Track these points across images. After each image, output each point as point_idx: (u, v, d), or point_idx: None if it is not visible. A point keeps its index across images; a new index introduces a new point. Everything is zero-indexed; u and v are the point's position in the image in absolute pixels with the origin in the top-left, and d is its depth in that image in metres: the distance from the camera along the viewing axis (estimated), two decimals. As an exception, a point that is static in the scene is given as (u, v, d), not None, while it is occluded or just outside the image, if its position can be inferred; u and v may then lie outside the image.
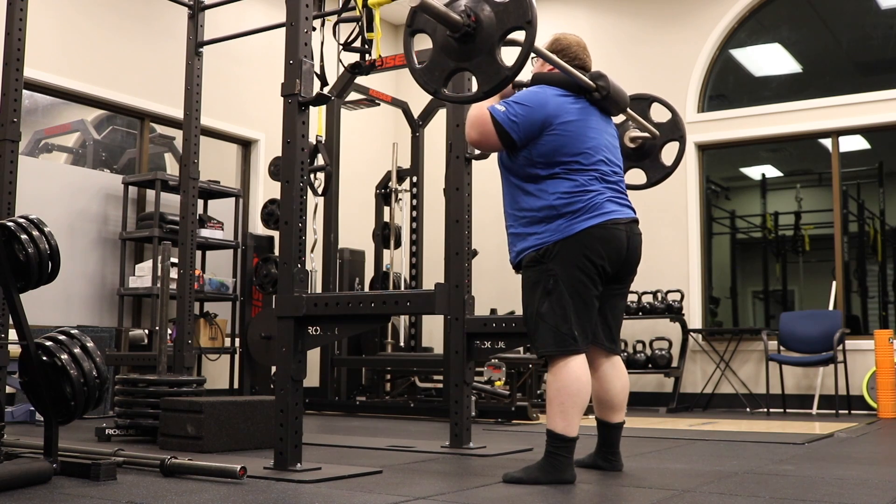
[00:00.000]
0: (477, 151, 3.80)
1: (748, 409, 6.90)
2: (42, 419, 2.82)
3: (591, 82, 2.96)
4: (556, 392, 2.78)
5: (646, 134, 3.44)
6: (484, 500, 2.50)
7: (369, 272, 7.50)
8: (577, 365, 2.79)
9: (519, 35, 2.51)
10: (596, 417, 3.13)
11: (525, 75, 2.85)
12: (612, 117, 3.13)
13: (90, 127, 6.69)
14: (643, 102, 3.52)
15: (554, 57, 2.92)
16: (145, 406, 4.03)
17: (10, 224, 2.77)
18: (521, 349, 5.88)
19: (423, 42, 2.81)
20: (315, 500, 2.44)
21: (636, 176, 3.66)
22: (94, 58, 6.32)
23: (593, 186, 2.89)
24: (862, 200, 9.00)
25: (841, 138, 7.32)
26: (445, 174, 5.23)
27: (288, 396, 2.91)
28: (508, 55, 2.43)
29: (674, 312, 7.07)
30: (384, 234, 7.21)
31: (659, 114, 3.68)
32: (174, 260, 5.18)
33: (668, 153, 3.60)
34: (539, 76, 3.04)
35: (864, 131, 7.42)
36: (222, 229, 6.67)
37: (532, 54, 2.72)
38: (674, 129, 3.52)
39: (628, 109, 3.22)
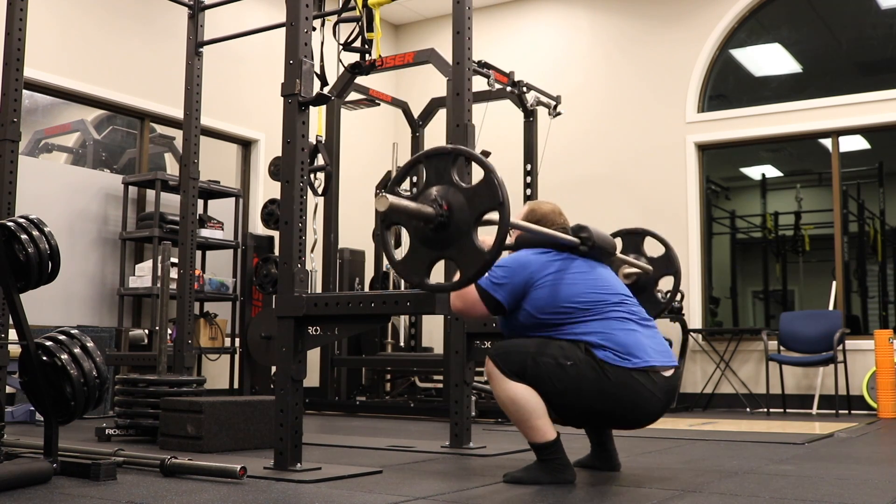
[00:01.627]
0: None
1: (748, 409, 6.90)
2: (42, 419, 2.82)
3: (574, 238, 2.91)
4: (513, 409, 2.73)
5: (638, 270, 3.44)
6: (484, 500, 2.50)
7: (369, 272, 7.50)
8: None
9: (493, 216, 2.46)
10: None
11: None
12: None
13: (90, 127, 6.69)
14: (637, 237, 3.50)
15: (532, 226, 2.88)
16: (145, 406, 4.03)
17: (10, 224, 2.77)
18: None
19: (422, 42, 2.80)
20: (315, 500, 2.44)
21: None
22: (94, 58, 6.32)
23: (624, 323, 2.78)
24: (862, 200, 9.00)
25: (841, 138, 7.32)
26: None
27: (288, 396, 2.91)
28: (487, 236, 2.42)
29: (674, 312, 7.07)
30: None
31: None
32: (174, 260, 5.18)
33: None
34: (521, 240, 2.99)
35: (864, 131, 7.42)
36: (222, 229, 6.67)
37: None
38: (668, 264, 3.49)
39: (618, 253, 3.17)
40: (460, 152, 2.61)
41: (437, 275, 2.65)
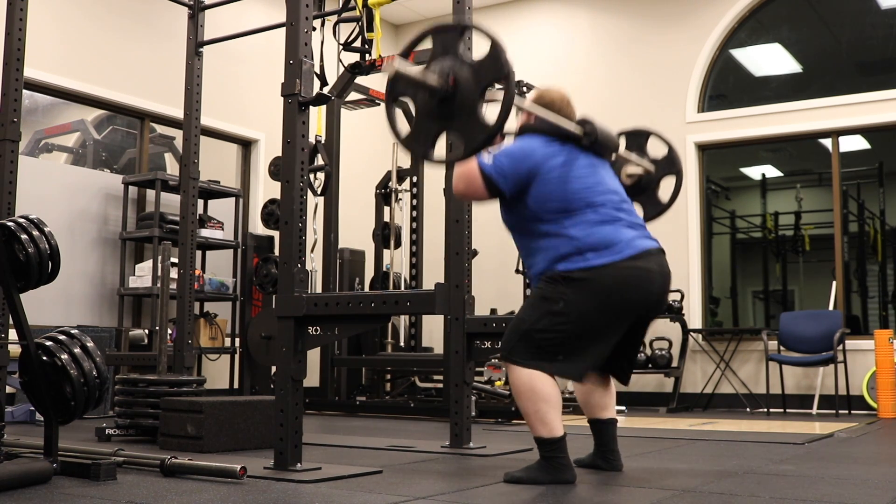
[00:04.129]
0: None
1: (748, 409, 6.90)
2: (42, 419, 2.82)
3: (578, 128, 2.94)
4: (528, 401, 2.75)
5: (640, 170, 3.43)
6: (484, 500, 2.50)
7: (369, 272, 7.50)
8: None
9: (499, 92, 2.49)
10: (587, 418, 3.14)
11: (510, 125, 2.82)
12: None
13: (90, 127, 6.69)
14: (640, 137, 3.50)
15: (538, 107, 2.92)
16: (145, 406, 4.03)
17: (10, 224, 2.77)
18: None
19: (422, 42, 2.80)
20: (315, 500, 2.44)
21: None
22: (94, 58, 6.32)
23: (611, 220, 2.84)
24: (862, 200, 9.00)
25: (841, 138, 7.31)
26: (445, 174, 5.23)
27: (288, 396, 2.91)
28: (492, 112, 2.42)
29: (674, 312, 7.07)
30: (384, 234, 7.21)
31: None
32: (174, 260, 5.18)
33: (666, 187, 3.56)
34: (526, 126, 3.02)
35: (864, 131, 7.41)
36: (222, 229, 6.68)
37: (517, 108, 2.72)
38: (670, 164, 3.49)
39: (621, 150, 3.19)
40: (468, 26, 2.65)
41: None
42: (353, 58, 4.75)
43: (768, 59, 7.79)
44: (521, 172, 2.84)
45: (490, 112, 2.46)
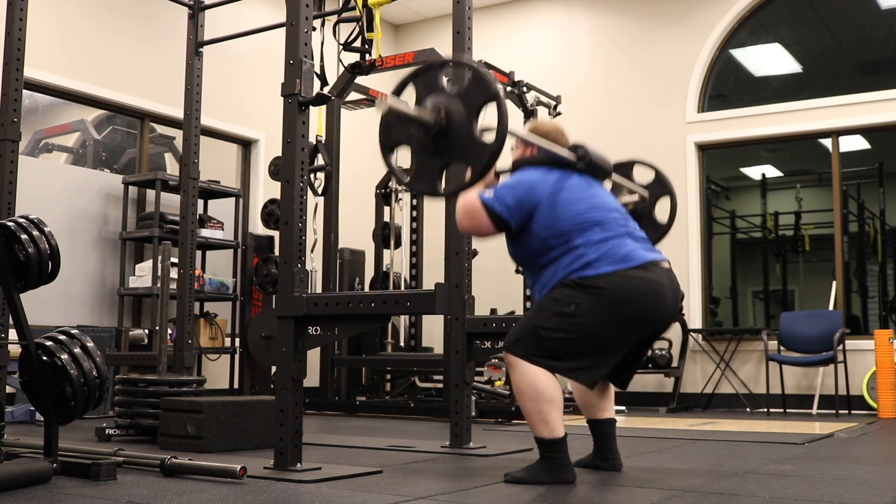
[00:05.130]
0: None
1: (748, 409, 6.90)
2: (42, 419, 2.82)
3: (571, 154, 2.96)
4: (531, 401, 2.74)
5: (635, 197, 3.44)
6: (484, 500, 2.50)
7: (369, 272, 7.50)
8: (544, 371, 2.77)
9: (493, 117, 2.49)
10: (585, 418, 3.13)
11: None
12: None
13: (90, 127, 6.69)
14: (625, 167, 3.50)
15: (532, 135, 2.95)
16: (145, 406, 4.03)
17: (10, 224, 2.77)
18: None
19: (422, 42, 2.81)
20: (315, 500, 2.44)
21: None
22: (94, 58, 6.32)
23: (618, 235, 2.85)
24: (862, 200, 9.00)
25: (841, 138, 7.31)
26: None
27: (288, 396, 2.91)
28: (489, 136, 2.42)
29: (673, 312, 7.07)
30: (384, 234, 7.21)
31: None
32: (174, 260, 5.18)
33: (662, 208, 3.57)
34: (521, 160, 3.04)
35: (864, 131, 7.41)
36: (222, 229, 6.68)
37: (511, 138, 2.71)
38: (661, 186, 3.49)
39: (615, 177, 3.20)
40: (445, 61, 2.72)
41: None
42: (353, 58, 4.74)
43: (768, 59, 7.79)
44: (523, 203, 2.85)
45: (487, 136, 2.46)
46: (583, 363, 2.77)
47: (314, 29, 3.22)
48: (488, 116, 2.48)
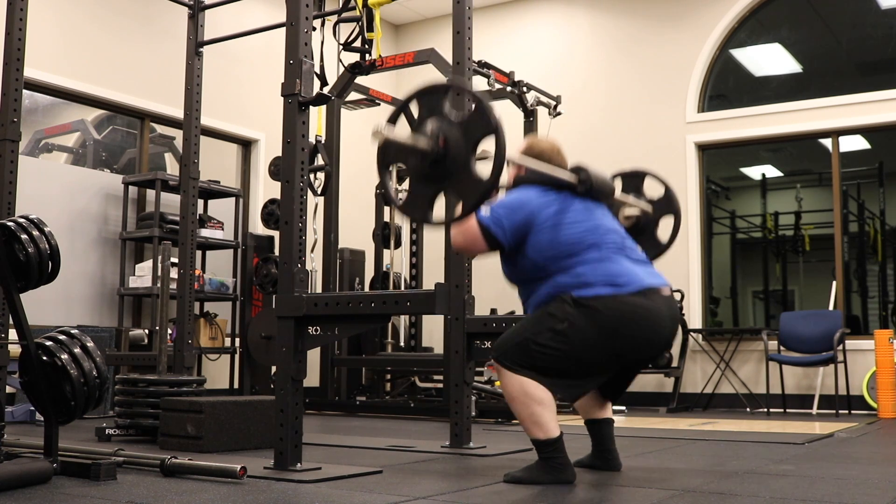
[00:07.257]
0: None
1: (748, 409, 6.90)
2: (42, 419, 2.82)
3: (572, 176, 2.92)
4: (521, 405, 2.74)
5: (637, 211, 3.43)
6: (484, 500, 2.49)
7: (369, 272, 7.50)
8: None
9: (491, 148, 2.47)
10: (583, 419, 3.13)
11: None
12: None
13: (90, 127, 6.69)
14: (636, 178, 3.49)
15: (530, 160, 2.90)
16: (145, 406, 4.03)
17: (10, 224, 2.77)
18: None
19: (422, 42, 2.81)
20: (315, 500, 2.44)
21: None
22: (94, 58, 6.32)
23: (615, 258, 2.82)
24: (862, 200, 9.00)
25: (841, 138, 7.32)
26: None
27: (288, 396, 2.91)
28: (485, 168, 2.41)
29: (674, 312, 7.07)
30: (384, 234, 7.21)
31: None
32: (174, 260, 5.18)
33: (665, 226, 3.55)
34: (519, 178, 3.00)
35: (864, 131, 7.42)
36: (222, 229, 6.68)
37: (508, 161, 2.71)
38: (668, 204, 3.47)
39: (617, 193, 3.17)
40: (451, 86, 2.66)
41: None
42: (353, 58, 4.74)
43: (768, 59, 7.80)
44: (517, 223, 2.83)
45: (483, 168, 2.45)
46: (567, 381, 2.76)
47: (314, 29, 3.22)
48: (487, 143, 2.47)
